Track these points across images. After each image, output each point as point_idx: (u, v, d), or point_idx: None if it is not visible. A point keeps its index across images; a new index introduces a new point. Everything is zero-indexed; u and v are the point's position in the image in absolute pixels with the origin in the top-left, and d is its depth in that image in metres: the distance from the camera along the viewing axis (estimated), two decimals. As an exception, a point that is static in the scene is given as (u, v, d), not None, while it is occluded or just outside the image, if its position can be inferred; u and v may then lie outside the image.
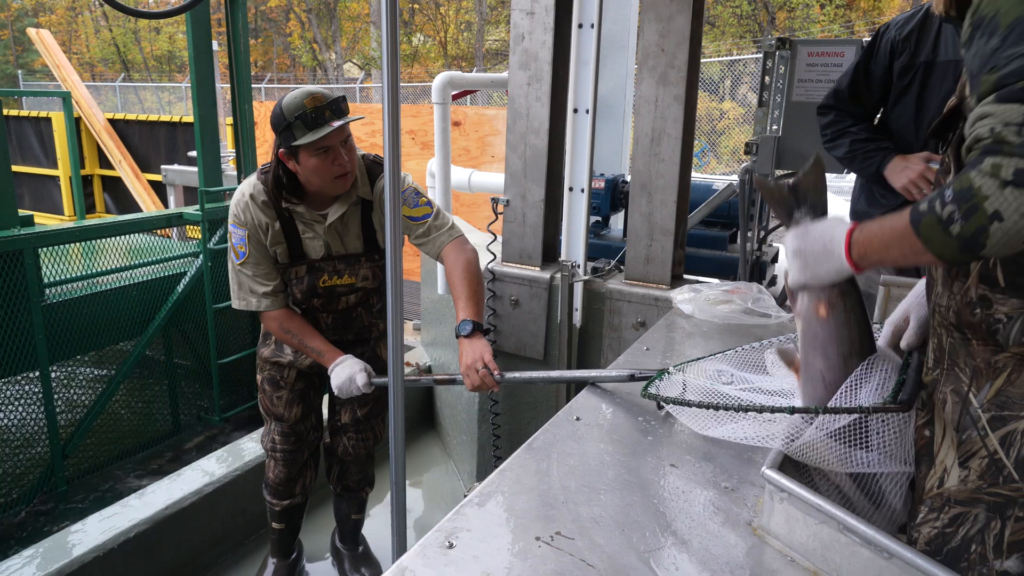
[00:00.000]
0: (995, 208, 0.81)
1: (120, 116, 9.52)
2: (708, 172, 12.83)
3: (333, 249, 2.13)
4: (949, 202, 0.85)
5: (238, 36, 4.01)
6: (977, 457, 0.97)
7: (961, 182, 0.85)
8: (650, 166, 2.54)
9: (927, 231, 0.89)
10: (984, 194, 0.81)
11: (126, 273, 3.86)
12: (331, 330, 2.25)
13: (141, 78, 27.48)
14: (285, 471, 2.36)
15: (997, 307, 0.94)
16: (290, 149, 1.94)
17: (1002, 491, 0.94)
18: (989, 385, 0.96)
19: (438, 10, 26.02)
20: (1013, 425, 0.93)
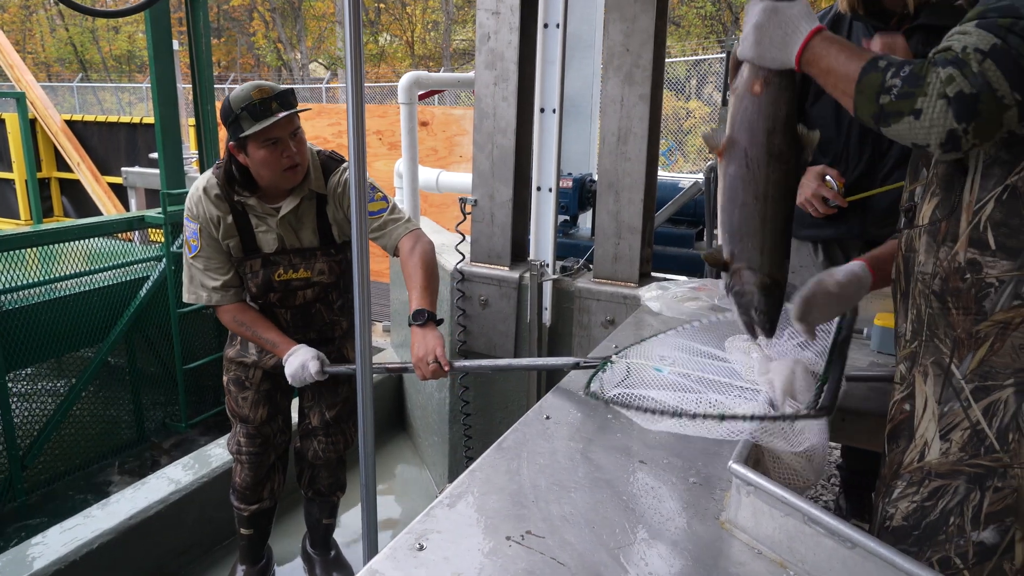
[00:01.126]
0: (923, 107, 0.88)
1: (78, 117, 9.29)
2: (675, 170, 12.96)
3: (287, 242, 2.12)
4: (898, 76, 0.91)
5: (199, 35, 3.93)
6: (959, 429, 0.98)
7: (920, 68, 0.90)
8: (617, 165, 2.56)
9: (866, 84, 0.94)
10: (926, 91, 0.88)
11: (86, 278, 3.76)
12: (292, 328, 2.23)
13: (100, 78, 26.84)
14: (252, 475, 2.33)
15: (987, 271, 0.95)
16: (239, 141, 1.96)
17: (983, 462, 0.96)
18: (972, 355, 0.97)
19: (404, 9, 25.87)
20: (996, 395, 0.95)
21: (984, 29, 0.88)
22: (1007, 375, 0.94)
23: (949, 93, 0.87)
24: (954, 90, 0.87)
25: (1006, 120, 0.88)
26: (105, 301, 3.79)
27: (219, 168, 2.08)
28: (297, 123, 2.01)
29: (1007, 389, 0.94)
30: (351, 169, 1.53)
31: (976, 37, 0.88)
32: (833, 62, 1.00)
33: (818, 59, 1.03)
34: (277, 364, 2.25)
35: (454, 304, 2.86)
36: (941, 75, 0.88)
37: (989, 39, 0.87)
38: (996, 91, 0.86)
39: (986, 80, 0.86)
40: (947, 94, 0.87)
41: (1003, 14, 0.88)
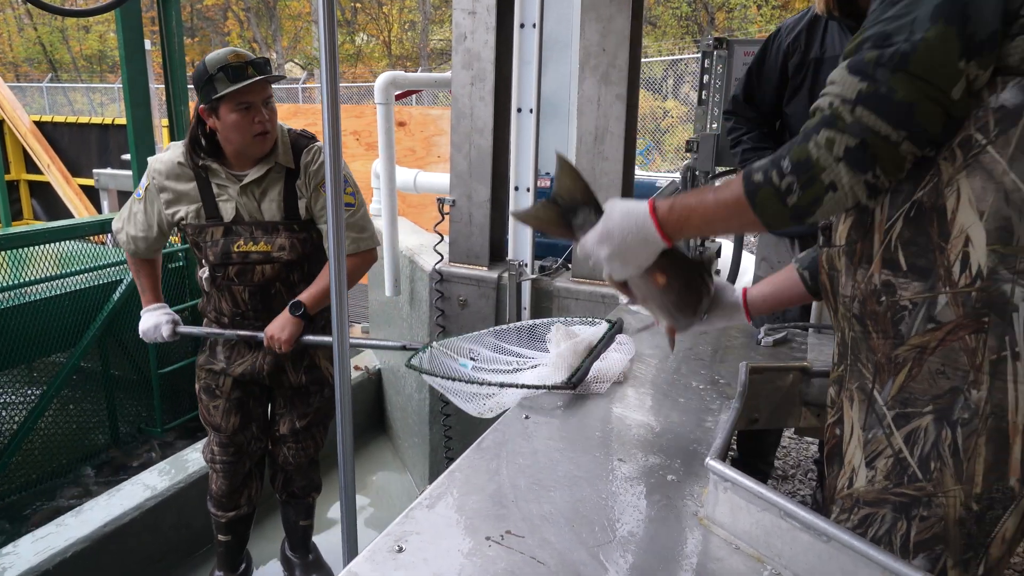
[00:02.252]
0: (831, 180, 0.86)
1: (48, 118, 9.13)
2: (653, 170, 13.04)
3: (245, 213, 2.09)
4: (788, 173, 0.88)
5: (172, 35, 3.88)
6: (883, 457, 0.97)
7: (798, 153, 0.88)
8: (594, 164, 2.57)
9: (763, 202, 0.91)
10: (822, 166, 0.86)
11: (57, 282, 3.69)
12: (252, 311, 2.16)
13: (70, 79, 26.36)
14: (227, 483, 2.30)
15: (901, 293, 0.93)
16: (211, 104, 1.95)
17: (907, 491, 0.94)
18: (892, 381, 0.95)
19: (381, 9, 25.74)
20: (916, 422, 0.93)
21: (851, 73, 0.86)
22: (925, 402, 0.92)
23: (839, 154, 0.85)
24: (840, 149, 0.85)
25: (904, 153, 0.86)
26: (77, 305, 3.72)
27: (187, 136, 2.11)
28: (270, 92, 2.02)
29: (926, 416, 0.92)
30: (327, 171, 1.52)
31: (841, 87, 0.87)
32: (708, 212, 0.98)
33: (687, 220, 1.01)
34: (246, 371, 2.23)
35: (432, 305, 2.85)
36: (820, 142, 0.86)
37: (854, 85, 0.86)
38: (879, 132, 0.84)
39: (864, 126, 0.84)
40: (839, 156, 0.85)
41: (874, 43, 0.86)
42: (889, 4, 0.87)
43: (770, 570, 0.99)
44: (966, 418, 0.89)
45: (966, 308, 0.88)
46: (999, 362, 0.86)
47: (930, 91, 0.83)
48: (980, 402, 0.88)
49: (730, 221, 0.97)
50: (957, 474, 0.91)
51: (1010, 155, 0.84)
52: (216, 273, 2.12)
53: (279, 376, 2.28)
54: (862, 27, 0.91)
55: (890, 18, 0.85)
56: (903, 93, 0.83)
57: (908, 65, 0.82)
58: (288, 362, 2.27)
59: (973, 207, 0.86)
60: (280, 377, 2.29)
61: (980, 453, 0.89)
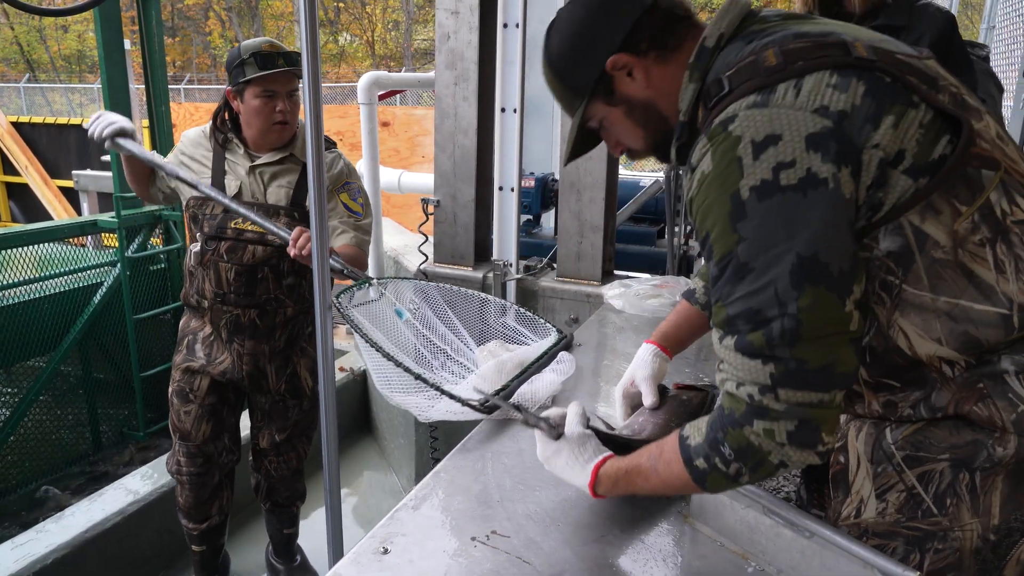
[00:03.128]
0: (780, 460, 0.87)
1: (25, 119, 9.02)
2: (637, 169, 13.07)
3: (248, 193, 2.11)
4: (732, 460, 0.88)
5: (152, 34, 3.84)
6: (895, 491, 0.97)
7: (737, 440, 0.87)
8: (578, 164, 2.57)
9: (714, 484, 0.92)
10: (766, 450, 0.86)
11: (36, 285, 3.64)
12: (234, 292, 2.10)
13: (48, 79, 26.00)
14: (194, 495, 2.24)
15: (901, 405, 0.95)
16: (238, 87, 2.03)
17: (921, 525, 0.95)
18: (908, 424, 0.96)
19: (364, 9, 25.63)
20: (930, 466, 0.94)
21: (748, 356, 0.85)
22: (942, 449, 0.93)
23: (783, 440, 0.85)
24: (782, 436, 0.85)
25: (837, 411, 0.87)
26: (57, 308, 3.67)
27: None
28: (296, 85, 2.07)
29: (942, 463, 0.93)
30: (309, 171, 1.51)
31: (744, 372, 0.86)
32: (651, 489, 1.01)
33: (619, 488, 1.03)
34: (226, 370, 2.19)
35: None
36: (759, 432, 0.86)
37: (761, 370, 0.85)
38: (812, 403, 0.84)
39: (796, 405, 0.84)
40: (783, 441, 0.85)
41: (749, 322, 0.85)
42: (733, 275, 0.86)
43: (754, 567, 1.00)
44: (987, 466, 0.91)
45: (957, 385, 0.90)
46: (1020, 419, 0.88)
47: (836, 342, 0.84)
48: (1006, 457, 0.90)
49: (678, 492, 1.05)
50: (974, 508, 0.92)
51: (929, 285, 0.87)
52: (207, 247, 2.10)
53: (259, 380, 2.23)
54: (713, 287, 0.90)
55: (748, 293, 0.84)
56: (815, 360, 0.83)
57: (803, 336, 0.82)
58: (270, 365, 2.23)
59: (927, 338, 0.89)
60: (260, 381, 2.24)
61: (997, 487, 0.91)
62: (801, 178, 0.82)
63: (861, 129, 0.83)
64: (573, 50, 1.04)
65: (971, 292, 0.86)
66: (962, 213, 0.85)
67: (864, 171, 0.84)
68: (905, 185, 0.84)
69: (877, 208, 0.85)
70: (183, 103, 11.50)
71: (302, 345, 2.30)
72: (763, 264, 0.83)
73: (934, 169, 0.84)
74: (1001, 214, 0.86)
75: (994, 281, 0.86)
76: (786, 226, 0.82)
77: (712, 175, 0.86)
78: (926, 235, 0.85)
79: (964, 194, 0.85)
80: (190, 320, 2.25)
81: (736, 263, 0.85)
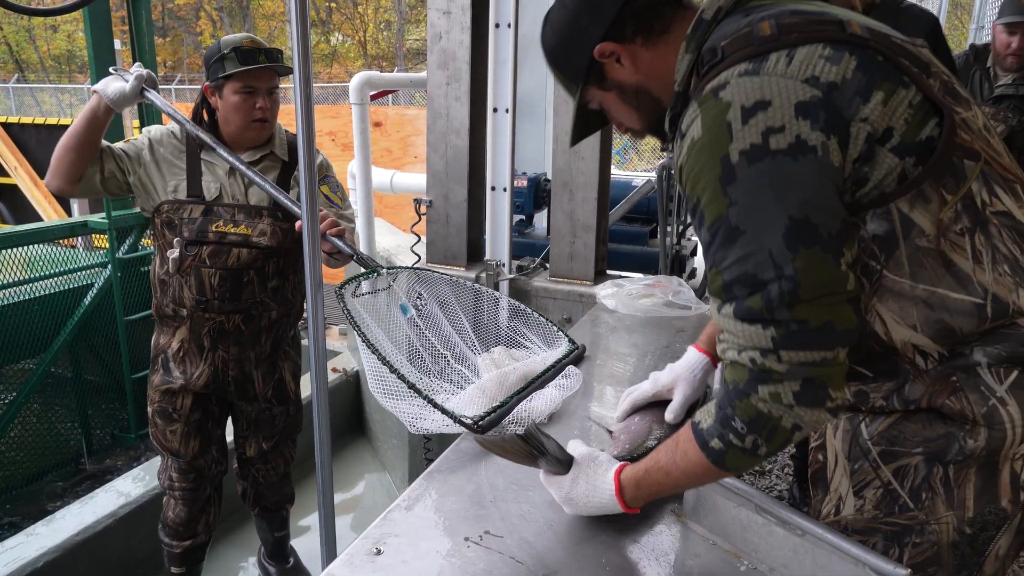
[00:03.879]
0: (793, 423, 0.86)
1: (15, 119, 8.95)
2: (630, 169, 13.10)
3: (228, 195, 2.05)
4: (746, 433, 0.88)
5: (142, 34, 3.82)
6: (872, 487, 0.98)
7: (747, 411, 0.87)
8: (570, 164, 2.57)
9: (735, 461, 0.91)
10: (777, 415, 0.86)
11: (26, 287, 3.62)
12: (218, 298, 2.04)
13: (38, 79, 25.83)
14: (186, 510, 2.19)
15: (873, 396, 0.97)
16: (216, 82, 1.98)
17: (899, 520, 0.96)
18: (882, 419, 0.97)
19: (356, 9, 25.57)
20: (904, 460, 0.96)
21: (747, 322, 0.86)
22: (915, 443, 0.94)
23: (790, 401, 0.85)
24: (789, 397, 0.85)
25: (842, 367, 0.86)
26: (47, 310, 3.64)
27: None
28: (276, 82, 2.04)
29: (916, 457, 0.95)
30: (300, 172, 1.50)
31: (745, 338, 0.86)
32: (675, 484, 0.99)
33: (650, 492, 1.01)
34: (209, 382, 2.12)
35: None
36: (765, 398, 0.86)
37: (762, 334, 0.85)
38: (816, 362, 0.84)
39: (799, 364, 0.84)
40: (791, 403, 0.85)
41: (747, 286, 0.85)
42: (725, 240, 0.86)
43: (747, 565, 1.00)
44: (960, 459, 0.92)
45: (931, 377, 0.92)
46: (991, 412, 0.90)
47: (834, 301, 0.84)
48: (978, 449, 0.91)
49: (704, 481, 0.99)
50: (949, 501, 0.93)
51: (909, 272, 0.88)
52: (187, 253, 2.01)
53: (245, 386, 2.18)
54: (706, 254, 0.90)
55: (743, 257, 0.84)
56: (815, 320, 0.83)
57: (801, 297, 0.83)
58: (256, 371, 2.19)
59: (903, 324, 0.90)
60: (246, 387, 2.19)
61: (970, 480, 0.92)
62: (791, 143, 0.83)
63: (851, 102, 0.84)
64: (563, 41, 1.07)
65: (948, 281, 0.88)
66: (948, 202, 0.86)
67: (852, 144, 0.85)
68: (891, 163, 0.85)
69: (862, 183, 0.86)
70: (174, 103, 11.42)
71: (286, 349, 2.27)
72: (755, 228, 0.84)
73: (920, 150, 0.85)
74: (981, 204, 0.88)
75: (971, 271, 0.88)
76: (776, 190, 0.83)
77: (702, 141, 0.87)
78: (913, 223, 0.87)
79: (950, 183, 0.86)
80: (159, 336, 2.16)
81: (727, 227, 0.85)
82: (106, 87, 1.93)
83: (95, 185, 2.01)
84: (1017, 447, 0.91)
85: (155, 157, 2.05)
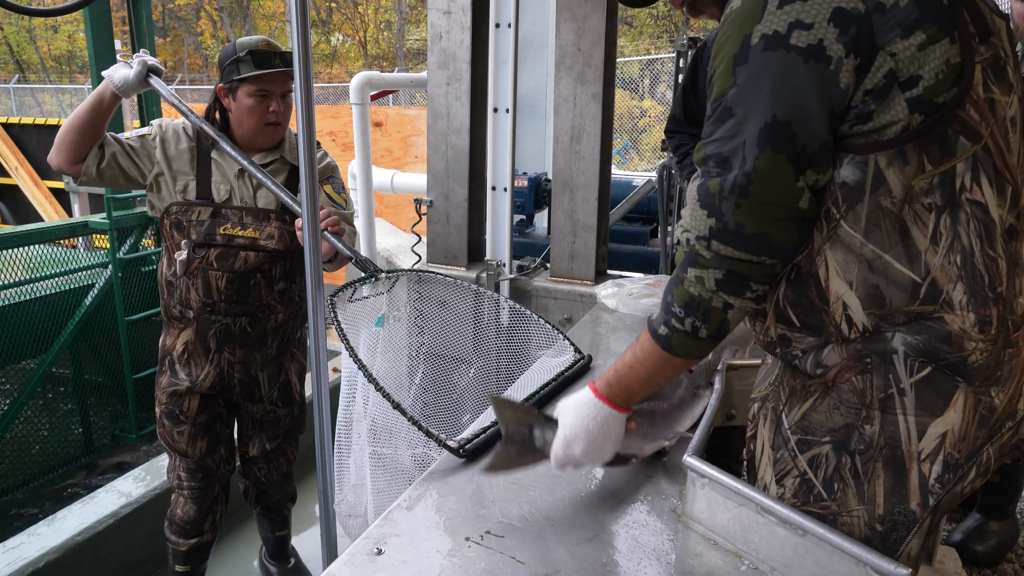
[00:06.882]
0: (722, 303, 0.93)
1: (15, 120, 8.95)
2: (631, 168, 13.10)
3: (237, 198, 2.05)
4: (685, 316, 0.95)
5: (142, 34, 3.82)
6: (791, 476, 1.01)
7: (681, 295, 0.94)
8: (571, 164, 2.57)
9: (682, 346, 0.97)
10: (706, 298, 0.93)
11: (27, 287, 3.62)
12: (225, 301, 2.04)
13: (38, 79, 25.84)
14: (196, 508, 2.19)
15: (795, 344, 0.99)
16: (230, 84, 1.97)
17: (813, 509, 0.99)
18: (798, 408, 1.00)
19: (356, 9, 25.57)
20: (817, 449, 0.98)
21: (701, 207, 0.90)
22: (823, 432, 0.97)
23: (712, 287, 0.91)
24: (711, 283, 0.91)
25: (770, 269, 0.91)
26: (48, 310, 3.65)
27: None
28: (291, 86, 2.03)
29: (825, 445, 0.97)
30: (302, 171, 1.50)
31: (694, 222, 0.91)
32: (642, 375, 1.04)
33: (629, 390, 1.06)
34: (215, 383, 2.12)
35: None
36: (692, 280, 0.93)
37: (705, 222, 0.89)
38: (739, 259, 0.89)
39: (724, 257, 0.90)
40: (712, 288, 0.92)
41: (716, 164, 0.88)
42: (718, 117, 0.89)
43: (747, 565, 1.00)
44: (862, 449, 0.94)
45: (849, 352, 0.93)
46: (887, 399, 0.92)
47: (777, 214, 0.87)
48: (874, 436, 0.94)
49: (664, 372, 1.03)
50: (859, 495, 0.95)
51: (863, 229, 0.88)
52: (195, 255, 2.02)
53: (250, 388, 2.19)
54: (705, 123, 0.92)
55: (724, 138, 0.87)
56: (752, 227, 0.87)
57: (748, 196, 0.86)
58: (262, 373, 2.19)
59: (841, 277, 0.91)
60: (251, 389, 2.19)
61: (879, 476, 0.94)
62: (811, 44, 0.82)
63: (890, 31, 0.82)
64: None
65: (898, 251, 0.88)
66: (926, 171, 0.85)
67: (871, 74, 0.83)
68: (901, 113, 0.83)
69: (865, 119, 0.85)
70: (175, 103, 11.39)
71: (292, 351, 2.27)
72: (743, 113, 0.85)
73: (933, 112, 0.83)
74: (959, 187, 0.86)
75: (924, 249, 0.87)
76: (775, 84, 0.83)
77: (736, 12, 0.87)
78: (884, 180, 0.86)
79: (935, 154, 0.85)
80: (166, 337, 2.17)
81: (723, 106, 0.88)
82: (113, 73, 1.94)
83: (91, 172, 1.99)
84: (917, 444, 0.92)
85: (166, 155, 2.04)
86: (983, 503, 2.11)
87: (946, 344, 0.89)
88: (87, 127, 1.94)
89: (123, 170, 2.02)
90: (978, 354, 0.89)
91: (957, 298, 0.88)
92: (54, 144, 1.98)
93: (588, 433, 1.07)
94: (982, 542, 2.08)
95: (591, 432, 1.07)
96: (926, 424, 0.91)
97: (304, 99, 1.43)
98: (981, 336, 0.88)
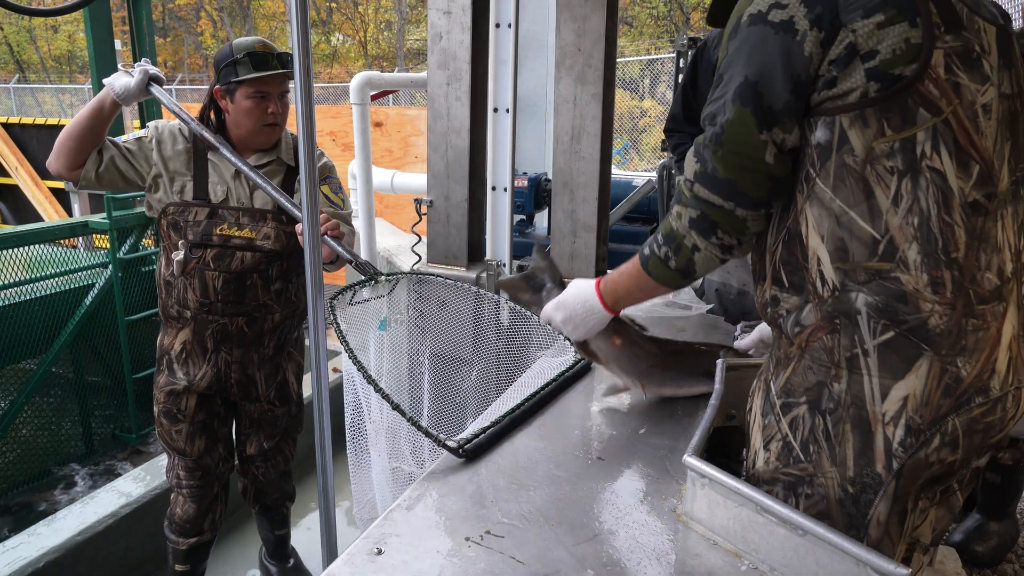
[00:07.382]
0: (692, 243, 1.07)
1: (15, 120, 8.96)
2: (631, 168, 13.10)
3: (233, 198, 2.05)
4: (662, 244, 1.10)
5: (142, 34, 3.83)
6: (775, 440, 1.08)
7: (665, 226, 1.10)
8: (571, 164, 2.57)
9: (654, 270, 1.13)
10: (681, 234, 1.07)
11: (27, 287, 3.62)
12: (221, 301, 2.05)
13: (39, 79, 25.85)
14: (195, 507, 2.20)
15: (782, 304, 1.06)
16: (228, 86, 1.97)
17: (793, 471, 1.05)
18: (783, 374, 1.07)
19: (357, 9, 25.57)
20: (796, 411, 1.05)
21: (694, 154, 1.04)
22: (801, 392, 1.04)
23: (687, 225, 1.05)
24: (687, 220, 1.05)
25: (742, 216, 1.02)
26: (48, 310, 3.65)
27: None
28: (288, 87, 2.04)
29: (803, 406, 1.04)
30: (302, 172, 1.50)
31: (688, 165, 1.05)
32: (626, 283, 1.23)
33: (616, 292, 1.27)
34: (212, 383, 2.13)
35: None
36: (674, 215, 1.07)
37: (692, 166, 1.03)
38: (713, 203, 1.02)
39: (700, 199, 1.03)
40: (687, 226, 1.05)
41: (708, 121, 1.02)
42: (716, 80, 1.03)
43: (747, 565, 1.00)
44: (832, 407, 1.01)
45: (822, 312, 1.01)
46: (853, 358, 0.99)
47: (744, 163, 0.99)
48: (842, 393, 1.00)
49: (643, 288, 1.20)
50: (832, 457, 1.02)
51: (832, 184, 0.97)
52: (192, 255, 2.02)
53: (247, 387, 2.19)
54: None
55: (715, 98, 1.01)
56: (723, 171, 1.00)
57: (722, 144, 0.99)
58: (259, 373, 2.19)
59: (816, 231, 1.00)
60: (248, 388, 2.19)
61: (848, 439, 1.00)
62: (783, 20, 0.95)
63: (853, 11, 0.92)
64: None
65: (862, 209, 0.96)
66: (886, 135, 0.93)
67: (834, 47, 0.94)
68: (859, 81, 0.93)
69: (830, 85, 0.95)
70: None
71: (289, 350, 2.27)
72: (728, 77, 0.99)
73: (889, 81, 0.92)
74: (919, 154, 0.93)
75: (885, 209, 0.95)
76: (750, 51, 0.97)
77: (741, 1, 1.02)
78: (847, 139, 0.95)
79: (895, 120, 0.93)
80: (164, 336, 2.17)
81: (719, 74, 1.02)
82: (114, 81, 1.95)
83: (90, 177, 2.00)
84: (881, 405, 0.97)
85: (163, 156, 2.05)
86: (983, 503, 2.12)
87: (902, 303, 0.95)
88: (87, 134, 1.95)
89: (121, 173, 2.03)
90: (936, 317, 0.94)
91: (912, 257, 0.94)
92: (53, 150, 1.98)
93: (572, 310, 1.31)
94: (982, 542, 2.09)
95: (575, 311, 1.31)
96: (888, 386, 0.97)
97: (304, 99, 1.43)
98: (935, 298, 0.94)
